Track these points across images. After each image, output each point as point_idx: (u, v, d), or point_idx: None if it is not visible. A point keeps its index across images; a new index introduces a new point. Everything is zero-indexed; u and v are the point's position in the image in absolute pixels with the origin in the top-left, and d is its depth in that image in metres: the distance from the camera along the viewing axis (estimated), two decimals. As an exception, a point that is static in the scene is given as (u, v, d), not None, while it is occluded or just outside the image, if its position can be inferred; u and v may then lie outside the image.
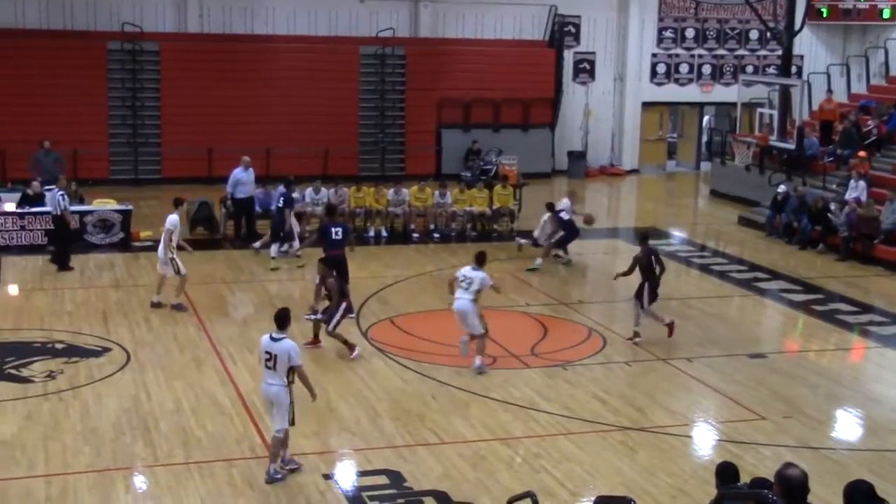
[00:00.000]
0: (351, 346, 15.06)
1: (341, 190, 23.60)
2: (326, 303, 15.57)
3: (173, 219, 17.30)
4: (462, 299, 14.55)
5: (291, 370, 10.88)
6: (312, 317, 16.57)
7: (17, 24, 28.78)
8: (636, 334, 16.14)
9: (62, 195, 20.03)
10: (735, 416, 13.35)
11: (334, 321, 15.04)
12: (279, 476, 10.95)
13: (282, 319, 11.14)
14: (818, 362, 16.07)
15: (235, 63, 29.45)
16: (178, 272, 17.30)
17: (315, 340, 15.40)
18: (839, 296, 19.66)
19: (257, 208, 22.94)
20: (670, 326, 16.14)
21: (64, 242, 20.25)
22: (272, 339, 10.96)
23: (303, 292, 18.48)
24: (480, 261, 14.94)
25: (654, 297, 16.07)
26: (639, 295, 16.05)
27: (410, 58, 31.35)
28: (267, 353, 10.90)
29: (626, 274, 16.37)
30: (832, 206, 23.31)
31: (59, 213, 20.02)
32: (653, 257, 16.05)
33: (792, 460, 7.32)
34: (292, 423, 10.98)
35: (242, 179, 22.44)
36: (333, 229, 16.96)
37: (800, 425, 13.03)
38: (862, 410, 13.90)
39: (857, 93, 31.88)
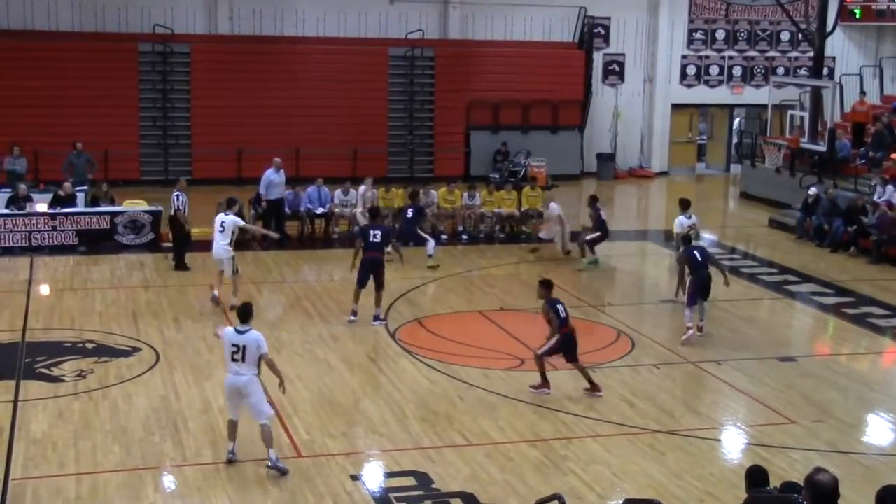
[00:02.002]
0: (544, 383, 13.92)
1: (371, 190, 23.65)
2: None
3: (234, 219, 17.47)
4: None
5: (260, 359, 11.23)
6: (353, 318, 16.68)
7: (50, 26, 29.05)
8: (699, 328, 16.37)
9: (177, 195, 20.14)
10: (764, 420, 13.26)
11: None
12: (281, 464, 11.10)
13: (245, 313, 11.39)
14: (849, 366, 15.95)
15: (265, 65, 29.58)
16: (235, 272, 17.53)
17: (594, 388, 13.88)
18: (871, 299, 19.49)
19: (286, 209, 23.03)
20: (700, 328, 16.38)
21: (179, 242, 20.39)
22: (237, 332, 11.24)
23: (330, 293, 18.57)
24: (686, 206, 19.05)
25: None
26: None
27: (439, 59, 31.37)
28: (234, 345, 11.16)
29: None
30: (867, 206, 23.16)
31: (172, 212, 20.20)
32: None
33: (822, 465, 7.26)
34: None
35: (274, 181, 22.54)
36: (372, 231, 17.09)
37: (830, 429, 12.93)
38: (893, 415, 13.77)
39: (891, 94, 31.65)
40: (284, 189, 22.87)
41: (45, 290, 19.02)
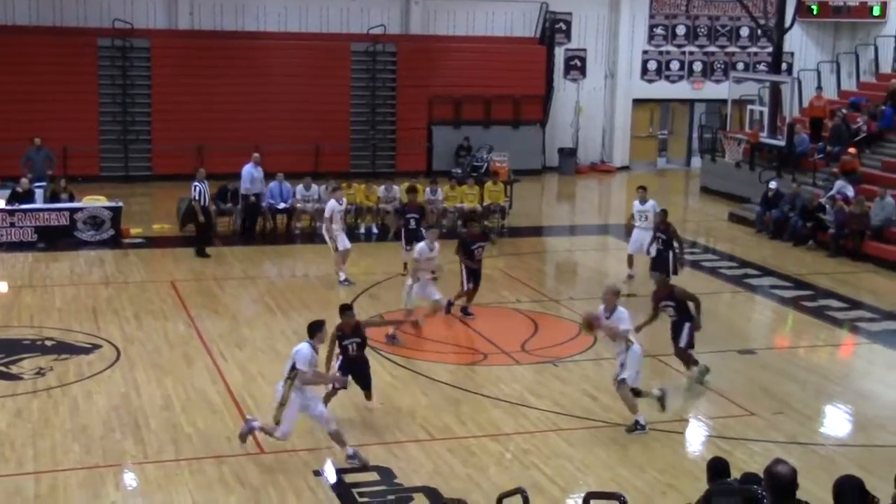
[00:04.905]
0: None
1: (332, 185, 23.54)
2: None
3: (330, 204, 18.95)
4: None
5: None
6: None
7: (7, 20, 28.69)
8: None
9: (195, 185, 20.78)
10: (725, 412, 13.38)
11: None
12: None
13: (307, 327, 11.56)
14: (808, 358, 16.12)
15: (226, 60, 29.39)
16: (335, 249, 18.82)
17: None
18: (829, 292, 19.71)
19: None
20: None
21: (198, 231, 21.05)
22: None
23: (292, 289, 18.54)
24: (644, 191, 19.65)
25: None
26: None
27: (401, 54, 31.32)
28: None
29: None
30: (824, 201, 23.41)
31: (205, 204, 20.90)
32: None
33: (781, 456, 7.35)
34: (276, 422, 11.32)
35: (255, 176, 22.58)
36: (476, 247, 17.38)
37: (789, 421, 13.07)
38: (851, 406, 13.95)
39: (847, 90, 31.93)
40: (263, 184, 22.95)
41: (3, 287, 18.82)
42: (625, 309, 12.75)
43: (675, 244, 18.25)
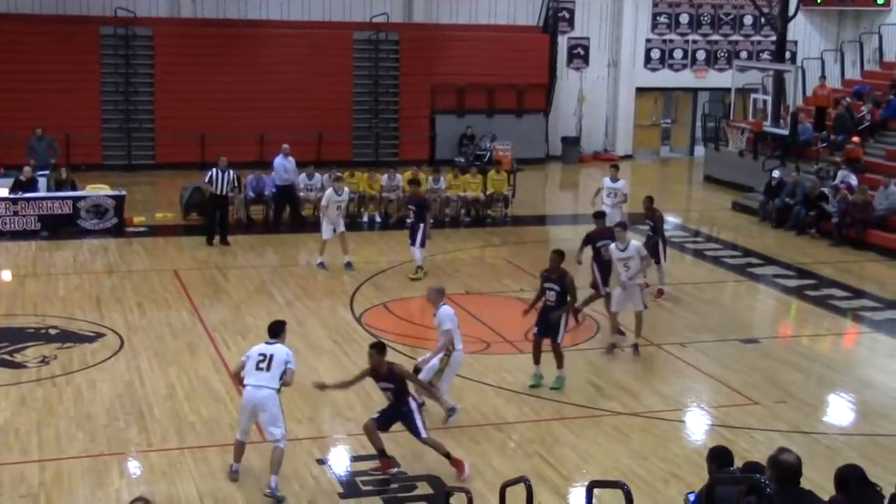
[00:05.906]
0: None
1: (335, 174, 23.54)
2: None
3: (328, 192, 19.20)
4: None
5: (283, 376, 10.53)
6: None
7: (10, 9, 28.68)
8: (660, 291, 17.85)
9: (211, 172, 20.69)
10: (728, 401, 13.40)
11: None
12: (280, 494, 10.35)
13: (271, 330, 10.92)
14: (811, 347, 16.13)
15: (229, 48, 29.37)
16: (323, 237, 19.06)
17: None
18: (832, 281, 19.70)
19: (250, 193, 22.97)
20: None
21: (207, 218, 21.11)
22: (266, 343, 10.78)
23: (296, 277, 18.54)
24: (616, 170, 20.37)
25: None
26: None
27: (404, 43, 31.28)
28: (262, 354, 10.58)
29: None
30: (826, 191, 23.39)
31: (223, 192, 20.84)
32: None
33: (784, 445, 7.35)
34: None
35: (287, 167, 22.62)
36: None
37: (792, 410, 13.08)
38: (854, 395, 13.95)
39: (851, 78, 31.86)
40: (295, 173, 23.00)
41: (6, 275, 18.84)
42: (448, 307, 12.30)
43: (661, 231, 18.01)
